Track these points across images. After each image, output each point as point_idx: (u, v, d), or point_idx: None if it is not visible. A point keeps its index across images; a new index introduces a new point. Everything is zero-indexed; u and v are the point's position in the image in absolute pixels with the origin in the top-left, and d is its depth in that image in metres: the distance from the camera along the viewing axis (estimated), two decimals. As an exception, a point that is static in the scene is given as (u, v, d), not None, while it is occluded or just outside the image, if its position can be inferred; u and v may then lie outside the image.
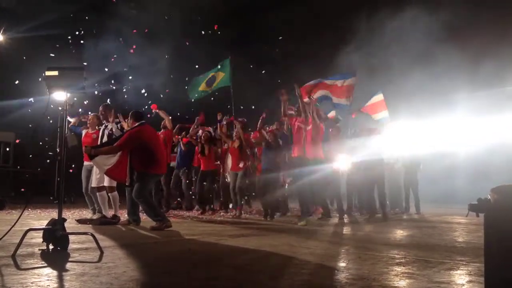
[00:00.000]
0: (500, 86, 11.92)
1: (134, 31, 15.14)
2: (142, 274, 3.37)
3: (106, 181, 7.46)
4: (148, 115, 10.13)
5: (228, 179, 9.97)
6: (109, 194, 7.61)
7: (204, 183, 10.08)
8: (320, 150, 8.10)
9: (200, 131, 10.44)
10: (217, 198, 11.17)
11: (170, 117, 9.66)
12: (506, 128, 11.41)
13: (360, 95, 12.08)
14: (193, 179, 10.86)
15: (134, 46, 15.11)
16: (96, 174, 7.55)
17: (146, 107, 11.17)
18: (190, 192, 11.07)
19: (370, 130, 9.64)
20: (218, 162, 10.39)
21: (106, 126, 7.71)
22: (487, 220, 2.56)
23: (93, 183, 7.63)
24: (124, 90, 15.06)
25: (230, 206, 10.23)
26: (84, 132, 8.18)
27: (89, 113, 8.52)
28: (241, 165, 9.49)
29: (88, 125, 8.13)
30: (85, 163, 7.93)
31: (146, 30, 15.09)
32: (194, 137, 10.51)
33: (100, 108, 7.88)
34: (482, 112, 11.59)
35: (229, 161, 9.87)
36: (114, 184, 7.57)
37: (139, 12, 16.34)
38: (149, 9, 16.63)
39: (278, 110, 8.53)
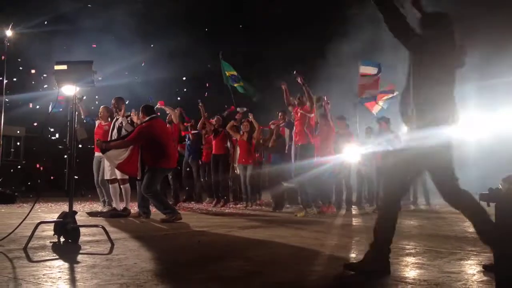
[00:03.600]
0: (511, 76, 11.78)
1: (143, 63, 15.28)
2: (152, 266, 3.39)
3: (119, 174, 7.49)
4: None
5: (238, 171, 9.98)
6: (121, 186, 7.64)
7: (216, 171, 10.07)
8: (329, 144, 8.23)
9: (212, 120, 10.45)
10: (228, 190, 11.20)
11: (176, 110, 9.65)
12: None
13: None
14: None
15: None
16: (108, 166, 7.59)
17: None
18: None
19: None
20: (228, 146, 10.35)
21: (117, 119, 7.73)
22: (498, 210, 2.53)
23: (106, 175, 7.68)
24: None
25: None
26: (97, 123, 8.23)
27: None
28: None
29: (100, 117, 8.19)
30: (96, 154, 7.98)
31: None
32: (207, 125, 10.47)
33: (113, 101, 7.86)
34: (492, 102, 11.49)
35: (237, 154, 9.88)
36: (127, 176, 7.61)
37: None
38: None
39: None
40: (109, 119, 8.03)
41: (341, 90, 12.46)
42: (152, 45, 15.84)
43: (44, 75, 13.26)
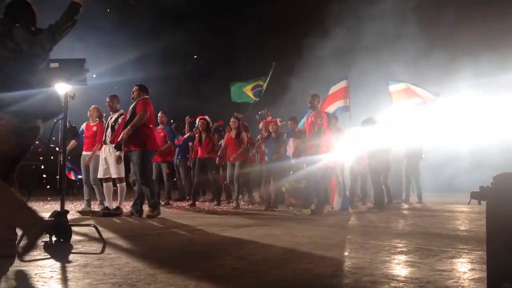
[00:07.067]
0: (501, 74, 11.89)
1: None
2: (145, 265, 3.38)
3: (114, 173, 7.48)
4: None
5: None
6: (117, 184, 7.61)
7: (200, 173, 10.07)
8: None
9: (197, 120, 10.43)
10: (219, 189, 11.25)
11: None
12: (506, 116, 11.39)
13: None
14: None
15: None
16: (103, 165, 7.57)
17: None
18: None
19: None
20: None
21: (111, 118, 7.69)
22: (489, 208, 2.55)
23: (100, 174, 7.65)
24: None
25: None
26: (84, 124, 8.19)
27: None
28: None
29: (88, 116, 8.15)
30: (84, 152, 8.00)
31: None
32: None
33: (107, 99, 7.80)
34: (482, 99, 11.57)
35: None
36: (123, 175, 7.61)
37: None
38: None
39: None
40: (98, 120, 8.03)
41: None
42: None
43: None
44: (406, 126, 10.14)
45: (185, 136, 10.68)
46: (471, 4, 14.22)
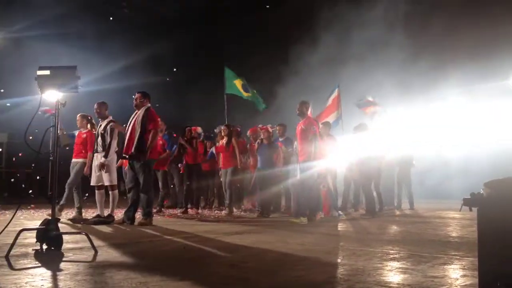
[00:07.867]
0: (488, 82, 12.02)
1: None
2: (136, 273, 3.35)
3: (106, 180, 7.45)
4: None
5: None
6: (110, 192, 7.56)
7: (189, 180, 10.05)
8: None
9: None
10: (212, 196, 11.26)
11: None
12: (496, 123, 11.50)
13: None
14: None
15: None
16: (96, 172, 7.53)
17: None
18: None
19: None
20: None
21: (100, 126, 7.65)
22: (480, 214, 2.56)
23: (92, 182, 7.61)
24: None
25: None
26: (76, 132, 8.16)
27: None
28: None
29: (78, 126, 8.11)
30: (73, 160, 7.95)
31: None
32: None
33: (95, 106, 7.74)
34: (468, 107, 11.70)
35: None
36: (115, 182, 7.58)
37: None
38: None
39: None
40: (88, 127, 7.98)
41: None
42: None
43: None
44: (395, 133, 10.20)
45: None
46: (459, 13, 14.38)
